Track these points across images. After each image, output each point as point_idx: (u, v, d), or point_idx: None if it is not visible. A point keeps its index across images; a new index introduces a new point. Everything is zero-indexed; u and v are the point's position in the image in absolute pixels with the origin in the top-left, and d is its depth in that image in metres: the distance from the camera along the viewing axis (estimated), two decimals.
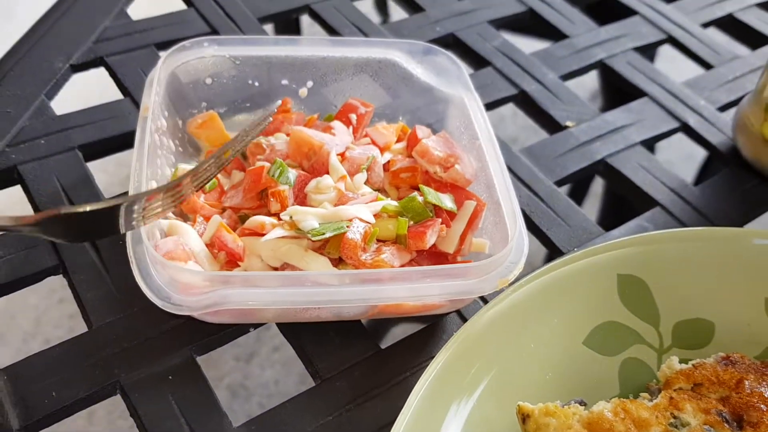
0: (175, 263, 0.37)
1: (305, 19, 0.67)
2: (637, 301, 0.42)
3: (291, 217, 0.40)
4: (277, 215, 0.42)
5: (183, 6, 0.63)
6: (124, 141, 0.51)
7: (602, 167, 0.54)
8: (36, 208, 0.45)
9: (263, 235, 0.40)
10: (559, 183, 0.52)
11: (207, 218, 0.42)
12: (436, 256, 0.42)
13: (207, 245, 0.41)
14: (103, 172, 0.53)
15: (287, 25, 1.17)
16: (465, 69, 0.50)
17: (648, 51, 0.66)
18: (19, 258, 0.43)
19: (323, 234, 0.38)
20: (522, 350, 0.39)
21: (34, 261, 0.43)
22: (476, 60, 0.62)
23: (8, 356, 1.18)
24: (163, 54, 0.57)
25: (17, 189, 0.48)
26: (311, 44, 0.49)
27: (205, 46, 0.48)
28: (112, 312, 0.40)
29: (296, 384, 1.18)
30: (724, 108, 0.60)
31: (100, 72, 0.57)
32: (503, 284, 0.38)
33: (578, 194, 1.16)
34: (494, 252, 0.42)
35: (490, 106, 0.58)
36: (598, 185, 1.24)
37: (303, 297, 0.36)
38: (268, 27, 0.65)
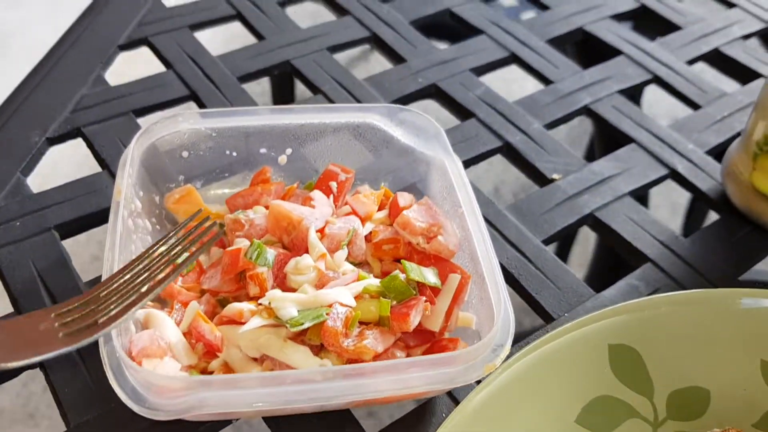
0: (149, 363, 0.36)
1: None
2: (630, 371, 0.41)
3: (270, 304, 0.39)
4: (256, 299, 0.40)
5: (162, 68, 0.62)
6: (101, 217, 0.50)
7: (591, 221, 0.53)
8: (11, 295, 0.44)
9: (242, 323, 0.39)
10: (547, 241, 0.51)
11: (185, 304, 0.41)
12: (421, 333, 0.41)
13: (185, 334, 0.40)
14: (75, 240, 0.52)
15: (281, 78, 1.17)
16: (442, 129, 0.49)
17: (634, 92, 0.66)
18: None
19: (302, 324, 0.37)
20: None
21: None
22: (459, 110, 0.61)
23: None
24: (141, 124, 0.57)
25: None
26: (289, 113, 0.49)
27: (180, 120, 0.47)
28: (90, 408, 0.39)
29: None
30: (712, 151, 0.59)
31: (77, 142, 0.56)
32: (490, 370, 0.37)
33: (563, 252, 1.14)
34: (481, 327, 0.41)
35: (475, 160, 0.57)
36: (585, 231, 1.23)
37: (285, 396, 0.34)
38: (263, 81, 0.64)
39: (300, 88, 1.41)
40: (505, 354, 0.37)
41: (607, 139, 0.66)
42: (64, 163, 0.83)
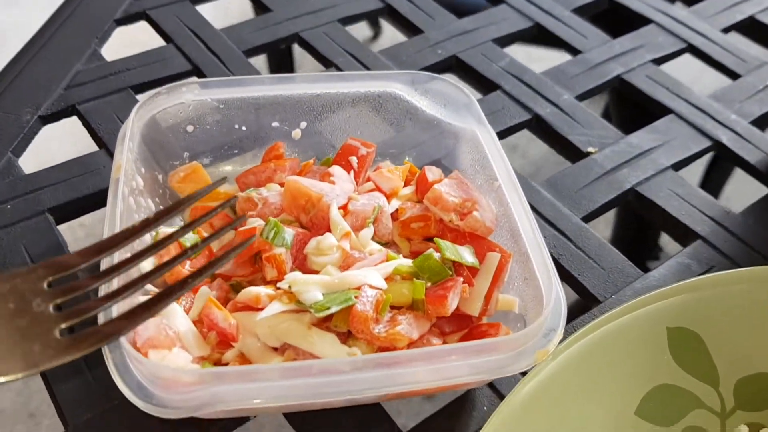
0: (157, 354, 0.32)
1: (297, 49, 0.62)
2: (692, 358, 0.37)
3: (290, 288, 0.34)
4: (274, 283, 0.36)
5: (162, 42, 0.58)
6: (99, 199, 0.46)
7: (632, 197, 0.49)
8: None
9: (259, 309, 0.34)
10: (587, 218, 0.47)
11: (194, 290, 0.37)
12: (459, 319, 0.37)
13: (195, 322, 0.35)
14: (81, 226, 0.47)
15: (281, 55, 1.12)
16: (475, 100, 0.44)
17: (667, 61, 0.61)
18: None
19: (328, 309, 0.33)
20: (568, 429, 0.33)
21: None
22: (483, 83, 0.57)
23: None
24: (140, 98, 0.52)
25: None
26: (302, 81, 0.44)
27: (184, 91, 0.42)
28: (90, 407, 0.35)
29: None
30: (757, 121, 0.54)
31: (73, 121, 0.51)
32: (542, 357, 0.32)
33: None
34: (525, 311, 0.37)
35: (502, 135, 0.53)
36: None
37: (310, 390, 0.30)
38: (260, 59, 0.60)
39: (301, 65, 1.36)
40: (558, 339, 0.33)
41: (632, 110, 0.62)
42: (58, 143, 0.78)
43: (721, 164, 0.96)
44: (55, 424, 1.16)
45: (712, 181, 1.00)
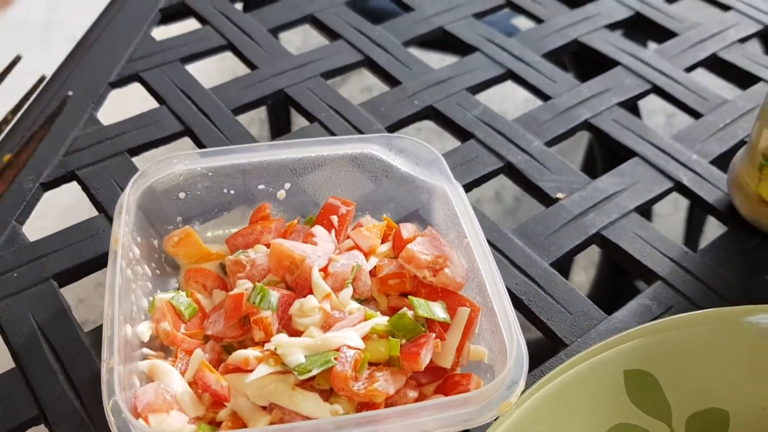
0: (156, 418, 0.35)
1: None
2: (647, 397, 0.40)
3: (276, 350, 0.38)
4: (262, 344, 0.40)
5: (154, 104, 0.61)
6: (100, 262, 0.49)
7: (598, 240, 0.52)
8: (12, 351, 0.43)
9: (248, 371, 0.38)
10: (555, 264, 0.50)
11: (189, 353, 0.40)
12: (433, 371, 0.40)
13: (190, 383, 0.39)
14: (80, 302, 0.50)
15: (276, 106, 1.16)
16: (441, 157, 0.47)
17: (633, 103, 0.65)
18: None
19: (310, 371, 0.36)
20: None
21: (13, 413, 0.40)
22: (458, 132, 0.60)
23: None
24: (136, 160, 0.56)
25: None
26: (285, 148, 0.48)
27: (175, 162, 0.46)
28: None
29: None
30: (716, 160, 0.58)
31: (72, 185, 0.55)
32: (506, 408, 0.36)
33: (566, 265, 1.13)
34: (493, 361, 0.40)
35: (477, 182, 0.56)
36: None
37: None
38: (260, 109, 0.63)
39: (294, 114, 1.41)
40: (519, 391, 0.36)
41: (609, 152, 0.65)
42: (60, 204, 0.82)
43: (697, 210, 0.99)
44: None
45: (693, 227, 1.03)
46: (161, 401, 0.36)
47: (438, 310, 0.41)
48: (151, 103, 0.62)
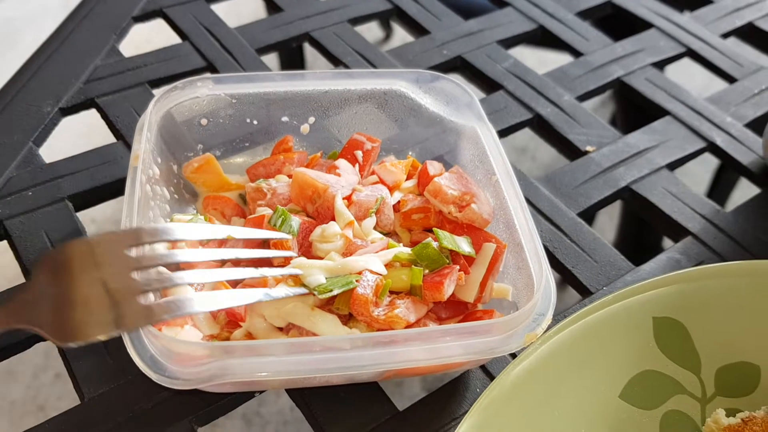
0: (170, 330, 0.34)
1: (308, 48, 0.64)
2: (676, 346, 0.39)
3: None
4: (281, 267, 0.38)
5: (178, 40, 0.60)
6: (116, 188, 0.48)
7: (627, 194, 0.51)
8: (23, 267, 0.43)
9: None
10: (582, 214, 0.48)
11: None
12: (455, 305, 0.39)
13: None
14: (93, 222, 0.50)
15: (291, 53, 1.15)
16: (476, 97, 0.46)
17: (666, 64, 0.63)
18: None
19: (331, 291, 0.35)
20: (554, 410, 0.35)
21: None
22: (487, 83, 0.59)
23: (18, 392, 1.16)
24: (156, 92, 0.55)
25: (3, 245, 0.45)
26: (311, 78, 0.46)
27: (199, 85, 0.45)
28: (106, 381, 0.37)
29: None
30: (751, 124, 0.56)
31: (92, 114, 0.54)
32: (531, 339, 0.34)
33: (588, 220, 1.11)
34: (518, 299, 0.39)
35: (504, 133, 0.55)
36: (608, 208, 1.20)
37: (312, 365, 0.32)
38: (272, 57, 0.62)
39: (311, 64, 1.39)
40: (546, 323, 0.35)
41: (635, 113, 0.64)
42: (78, 137, 0.81)
43: (728, 173, 0.98)
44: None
45: (719, 190, 1.01)
46: None
47: (463, 244, 0.39)
48: (174, 41, 0.60)
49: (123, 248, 0.32)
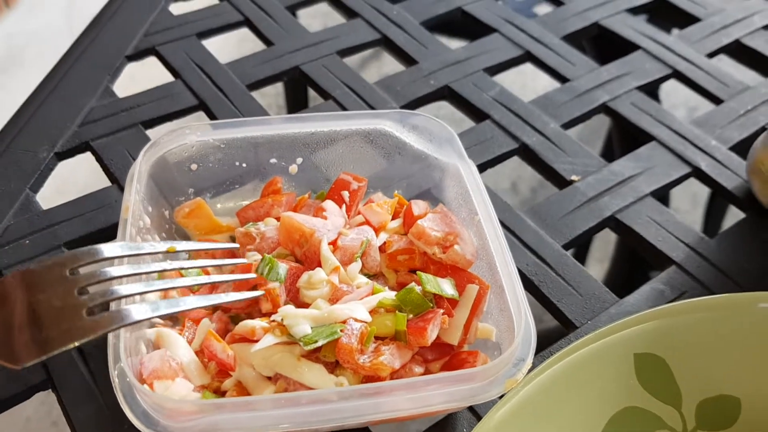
0: (161, 384, 0.35)
1: None
2: (657, 381, 0.40)
3: (282, 320, 0.38)
4: (269, 315, 0.39)
5: (170, 78, 0.61)
6: (111, 233, 0.49)
7: (612, 224, 0.51)
8: None
9: (254, 341, 0.38)
10: (567, 246, 0.49)
11: (196, 322, 0.40)
12: (440, 347, 0.40)
13: (197, 352, 0.39)
14: None
15: (294, 82, 1.16)
16: (458, 131, 0.47)
17: (652, 87, 0.64)
18: (5, 374, 0.41)
19: (316, 342, 0.36)
20: None
21: (22, 377, 0.41)
22: (474, 112, 0.60)
23: None
24: (150, 132, 0.56)
25: None
26: (298, 121, 0.48)
27: (188, 133, 0.46)
28: (103, 429, 0.38)
29: None
30: (736, 146, 0.57)
31: (86, 155, 0.55)
32: (512, 385, 0.35)
33: (581, 249, 1.13)
34: (501, 339, 0.40)
35: (491, 163, 0.56)
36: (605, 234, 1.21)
37: (300, 418, 0.33)
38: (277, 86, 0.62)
39: (312, 92, 1.40)
40: (526, 369, 0.36)
41: (627, 136, 0.65)
42: (74, 175, 0.82)
43: (720, 201, 0.98)
44: None
45: (714, 214, 1.02)
46: (167, 368, 0.36)
47: (446, 287, 0.40)
48: (167, 78, 0.62)
49: (63, 271, 0.34)
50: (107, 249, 0.35)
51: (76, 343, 0.32)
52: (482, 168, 0.54)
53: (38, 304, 0.32)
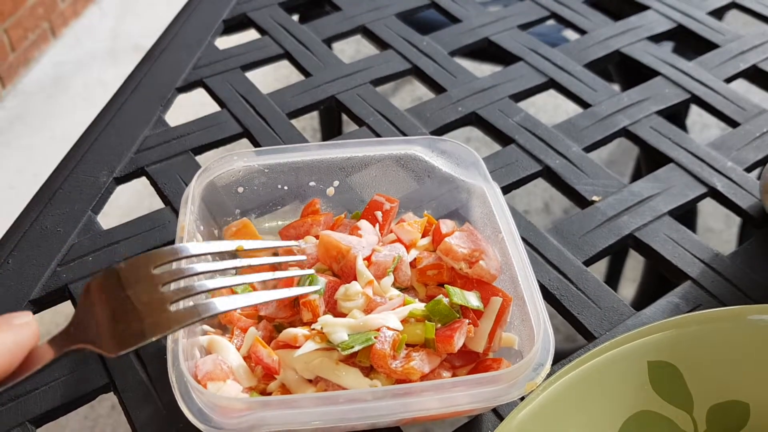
0: (214, 385, 0.39)
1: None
2: (669, 387, 0.42)
3: (322, 329, 0.41)
4: (309, 324, 0.43)
5: (216, 108, 0.66)
6: None
7: (631, 242, 0.54)
8: None
9: (297, 347, 0.41)
10: (588, 262, 0.52)
11: (244, 330, 0.44)
12: (466, 354, 0.43)
13: (245, 358, 0.43)
14: None
15: (328, 111, 1.21)
16: (483, 155, 0.51)
17: (672, 112, 0.67)
18: (73, 378, 0.45)
19: (352, 347, 0.40)
20: None
21: (86, 381, 0.45)
22: (499, 136, 0.63)
23: None
24: (199, 158, 0.61)
25: (67, 304, 0.51)
26: (335, 148, 0.52)
27: (235, 159, 0.50)
28: (161, 429, 0.43)
29: None
30: (752, 167, 0.59)
31: (141, 179, 0.60)
32: (531, 387, 0.38)
33: (616, 267, 1.15)
34: (523, 347, 0.43)
35: (516, 185, 0.59)
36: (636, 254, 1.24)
37: (338, 415, 0.37)
38: (314, 119, 0.66)
39: (347, 118, 1.45)
40: (545, 372, 0.39)
41: (651, 158, 0.67)
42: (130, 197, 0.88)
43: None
44: None
45: (748, 236, 1.03)
46: (219, 371, 0.40)
47: (472, 299, 0.44)
48: (213, 107, 0.67)
49: (149, 268, 0.37)
50: (186, 247, 0.39)
51: (165, 333, 0.35)
52: (507, 189, 0.58)
53: (127, 299, 0.35)
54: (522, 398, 0.41)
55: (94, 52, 2.21)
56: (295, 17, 0.80)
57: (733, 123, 0.64)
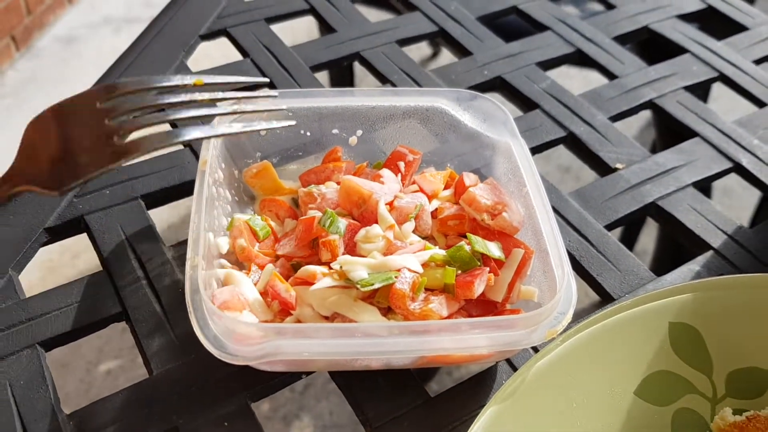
0: (231, 314, 0.39)
1: (357, 66, 0.69)
2: (690, 349, 0.42)
3: (341, 267, 0.41)
4: (328, 264, 0.43)
5: (239, 57, 0.66)
6: (183, 190, 0.53)
7: (653, 210, 0.54)
8: (101, 256, 0.48)
9: (314, 284, 0.41)
10: (610, 227, 0.52)
11: (261, 267, 0.44)
12: (484, 304, 0.43)
13: (261, 293, 0.42)
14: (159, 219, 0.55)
15: (341, 70, 1.20)
16: (511, 115, 0.50)
17: (700, 90, 0.66)
18: (85, 305, 0.45)
19: (372, 285, 0.39)
20: (572, 401, 0.39)
21: (98, 309, 0.45)
22: (524, 102, 0.63)
23: (72, 385, 1.23)
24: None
25: (84, 236, 0.50)
26: (361, 95, 0.51)
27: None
28: (172, 359, 0.42)
29: (350, 414, 1.20)
30: None
31: None
32: (552, 335, 0.38)
33: (629, 240, 1.15)
34: (543, 300, 0.42)
35: (539, 149, 0.58)
36: (651, 228, 1.23)
37: (353, 348, 0.36)
38: (323, 74, 0.66)
39: (359, 79, 1.44)
40: (567, 321, 0.38)
41: (669, 134, 0.67)
42: None
43: None
44: None
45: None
46: (236, 301, 0.40)
47: (493, 248, 0.43)
48: (236, 58, 0.66)
49: (94, 103, 0.35)
50: (135, 81, 0.37)
51: (109, 167, 0.33)
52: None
53: (69, 137, 0.33)
54: (537, 350, 0.41)
55: (109, 19, 2.20)
56: None
57: (760, 103, 0.63)
